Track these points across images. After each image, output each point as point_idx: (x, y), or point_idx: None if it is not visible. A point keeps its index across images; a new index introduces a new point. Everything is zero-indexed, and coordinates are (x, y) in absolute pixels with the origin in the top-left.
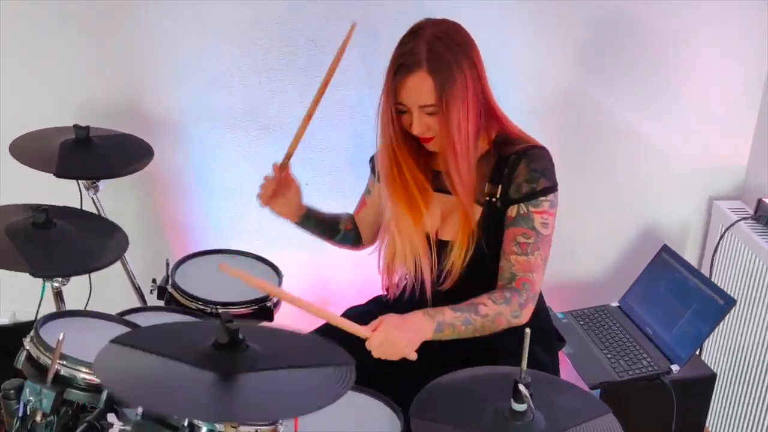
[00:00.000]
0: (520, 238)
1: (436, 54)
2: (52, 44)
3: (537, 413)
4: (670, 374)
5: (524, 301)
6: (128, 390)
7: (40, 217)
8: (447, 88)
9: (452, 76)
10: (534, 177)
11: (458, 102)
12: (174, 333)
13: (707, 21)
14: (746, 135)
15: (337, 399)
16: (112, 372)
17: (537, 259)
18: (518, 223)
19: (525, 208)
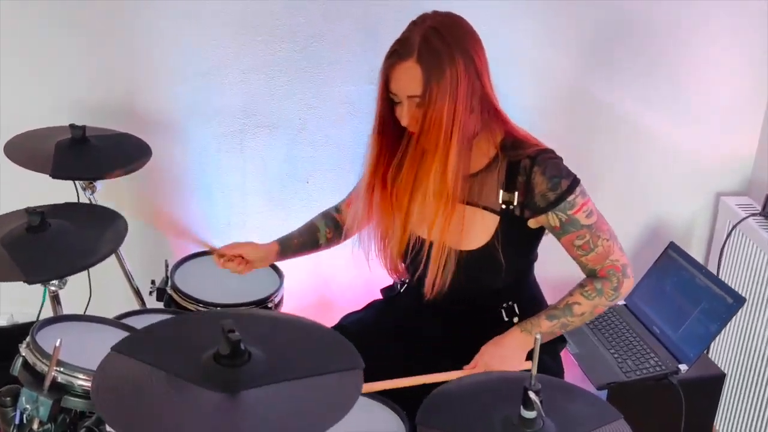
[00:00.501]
0: (577, 242)
1: (429, 45)
2: (47, 44)
3: (547, 420)
4: (678, 374)
5: (617, 284)
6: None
7: (35, 219)
8: (434, 80)
9: (442, 69)
10: (555, 183)
11: (445, 96)
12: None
13: (712, 16)
14: (753, 130)
15: (348, 411)
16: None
17: (605, 243)
18: (567, 230)
19: (564, 214)
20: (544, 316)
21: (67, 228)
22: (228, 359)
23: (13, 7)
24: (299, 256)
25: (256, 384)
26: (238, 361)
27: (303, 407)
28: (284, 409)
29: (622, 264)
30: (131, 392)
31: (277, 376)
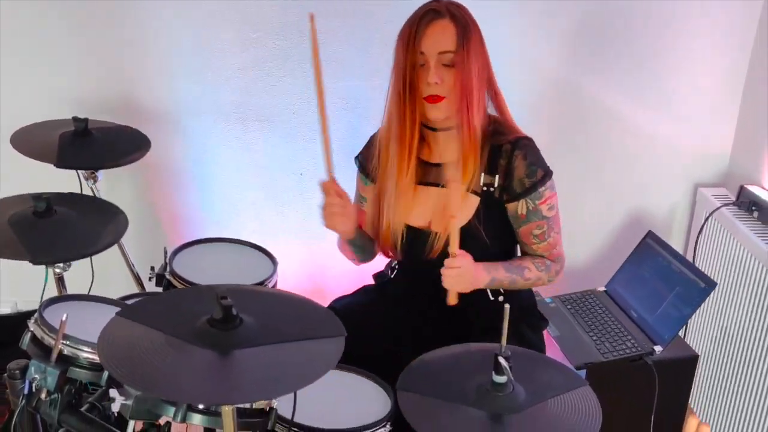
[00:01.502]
0: (536, 231)
1: (458, 11)
2: (52, 41)
3: (517, 385)
4: (653, 355)
5: (559, 268)
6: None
7: (41, 205)
8: (467, 38)
9: (471, 31)
10: (532, 170)
11: (476, 55)
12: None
13: (692, 14)
14: (730, 124)
15: (329, 370)
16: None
17: (555, 236)
18: (530, 219)
19: (531, 203)
20: (503, 267)
21: (71, 216)
22: (221, 323)
23: (19, 9)
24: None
25: (246, 345)
26: (230, 324)
27: (287, 367)
28: (270, 368)
29: (564, 255)
30: (134, 351)
31: (265, 339)
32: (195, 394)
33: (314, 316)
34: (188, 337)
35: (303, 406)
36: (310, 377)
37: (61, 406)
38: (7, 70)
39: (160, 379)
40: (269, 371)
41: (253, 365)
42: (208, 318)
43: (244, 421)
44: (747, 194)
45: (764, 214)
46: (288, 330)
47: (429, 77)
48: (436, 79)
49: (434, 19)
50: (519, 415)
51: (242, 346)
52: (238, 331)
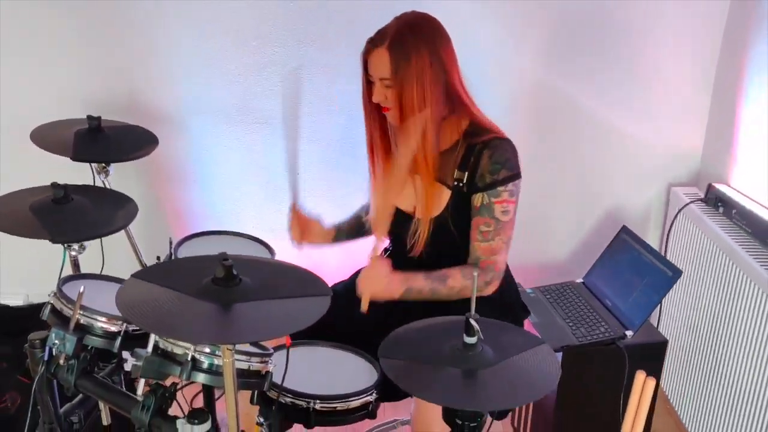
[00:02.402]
0: (483, 227)
1: (400, 36)
2: (69, 49)
3: (485, 346)
4: (624, 339)
5: (489, 279)
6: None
7: (59, 192)
8: (402, 66)
9: (408, 58)
10: (495, 168)
11: (412, 81)
12: (182, 268)
13: (663, 18)
14: (700, 126)
15: (315, 320)
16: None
17: (498, 243)
18: (482, 213)
19: (487, 198)
20: (423, 276)
21: (86, 204)
22: (223, 281)
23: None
24: (352, 240)
25: (245, 300)
26: (231, 282)
27: (279, 318)
28: (265, 319)
29: (500, 268)
30: (149, 304)
31: (260, 296)
32: (202, 336)
33: (304, 278)
34: (195, 293)
35: (295, 378)
36: (297, 326)
37: (77, 371)
38: (27, 72)
39: (172, 324)
40: (263, 320)
41: (250, 316)
42: (212, 277)
43: (243, 381)
44: (714, 192)
45: (729, 210)
46: (280, 288)
47: (373, 97)
48: (377, 98)
49: (372, 48)
50: (489, 369)
51: (241, 301)
52: (238, 288)
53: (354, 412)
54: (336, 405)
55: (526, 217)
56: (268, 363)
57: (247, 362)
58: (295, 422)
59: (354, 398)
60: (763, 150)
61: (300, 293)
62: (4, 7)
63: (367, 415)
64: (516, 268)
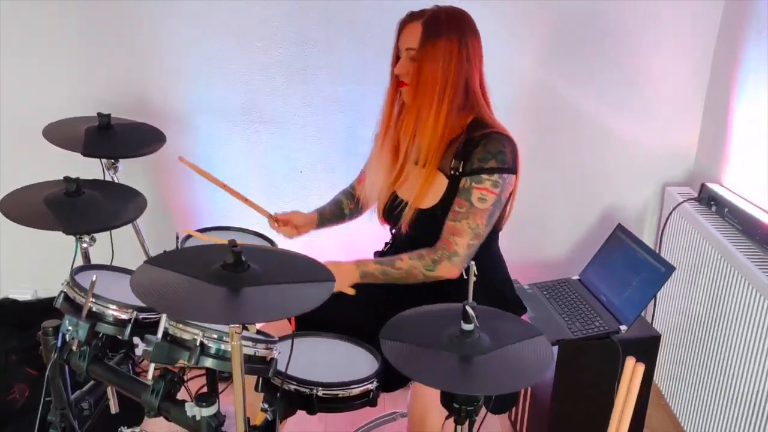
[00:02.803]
0: (456, 208)
1: (436, 17)
2: (80, 48)
3: (482, 334)
4: (618, 333)
5: (438, 258)
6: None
7: (72, 186)
8: (430, 42)
9: (439, 37)
10: (485, 157)
11: (436, 59)
12: (192, 255)
13: (656, 17)
14: (694, 127)
15: (319, 304)
16: (145, 288)
17: (464, 225)
18: (461, 194)
19: (469, 182)
20: (374, 260)
21: (97, 197)
22: (232, 266)
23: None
24: (333, 225)
25: (253, 284)
26: (240, 268)
27: (285, 301)
28: (271, 302)
29: (455, 250)
30: (161, 288)
31: (268, 280)
32: (212, 317)
33: (309, 266)
34: (205, 277)
35: (299, 366)
36: (303, 308)
37: (89, 357)
38: (41, 73)
39: (184, 306)
40: (270, 303)
41: (258, 299)
42: (221, 263)
43: (249, 366)
44: (707, 191)
45: (721, 209)
46: (286, 275)
47: (396, 68)
48: (398, 69)
49: (410, 20)
50: (484, 356)
51: (249, 285)
52: (246, 273)
53: (355, 399)
54: (338, 392)
55: (525, 216)
56: (272, 350)
57: (252, 348)
58: (299, 409)
59: (355, 386)
60: (754, 150)
61: (305, 279)
62: (20, 9)
63: (368, 402)
64: (514, 265)
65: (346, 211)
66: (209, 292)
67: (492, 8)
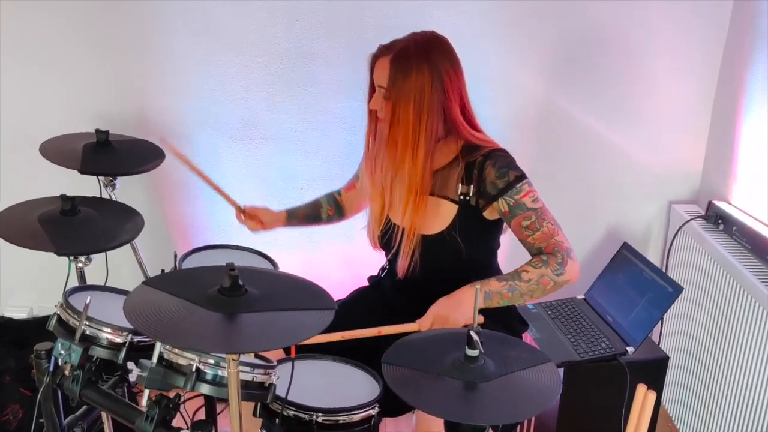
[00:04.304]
0: (524, 222)
1: (406, 51)
2: (75, 64)
3: (488, 360)
4: (625, 355)
5: (561, 259)
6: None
7: (67, 204)
8: (399, 81)
9: (409, 74)
10: (503, 172)
11: (407, 98)
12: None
13: (662, 34)
14: (700, 144)
15: (318, 332)
16: (138, 312)
17: (548, 226)
18: (515, 212)
19: (510, 199)
20: (495, 278)
21: (94, 216)
22: (229, 291)
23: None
24: (304, 226)
25: (249, 310)
26: (237, 292)
27: (284, 329)
28: (269, 330)
29: (566, 247)
30: (156, 312)
31: (266, 306)
32: (207, 344)
33: (310, 291)
34: (202, 302)
35: (298, 390)
36: (301, 337)
37: (82, 381)
38: (37, 87)
39: (178, 332)
40: (267, 330)
41: (255, 326)
42: (218, 287)
43: (246, 393)
44: (714, 209)
45: (729, 227)
46: (286, 300)
47: (370, 102)
48: (372, 105)
49: (379, 55)
50: (489, 383)
51: (246, 311)
52: (244, 298)
53: (356, 425)
54: (338, 418)
55: None
56: (271, 375)
57: (250, 374)
58: None
59: (356, 411)
60: (763, 167)
61: (305, 306)
62: (16, 21)
63: (369, 428)
64: None
65: (323, 215)
66: (204, 317)
67: (495, 26)
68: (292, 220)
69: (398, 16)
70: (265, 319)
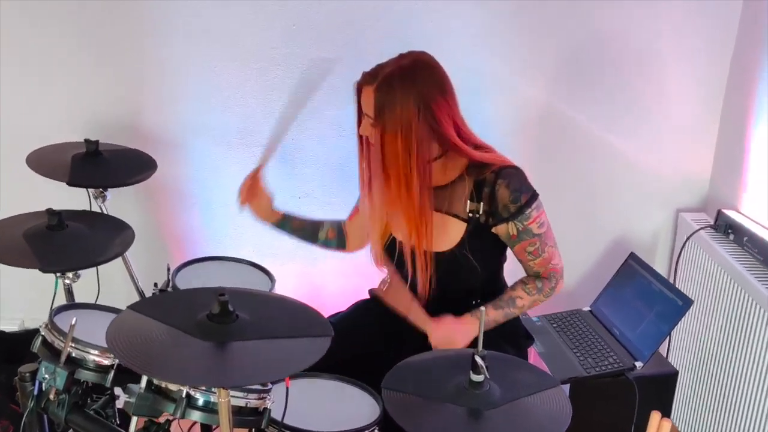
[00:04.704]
0: (529, 248)
1: (390, 81)
2: (65, 69)
3: (493, 384)
4: (633, 370)
5: (554, 284)
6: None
7: (54, 219)
8: (385, 112)
9: (393, 107)
10: (516, 197)
11: (395, 128)
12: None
13: (668, 44)
14: (708, 151)
15: (314, 362)
16: (122, 340)
17: (549, 251)
18: (522, 237)
19: (520, 224)
20: (491, 306)
21: (82, 230)
22: (218, 317)
23: (37, 40)
24: (294, 237)
25: (240, 338)
26: (227, 319)
27: (276, 359)
28: (261, 360)
29: (560, 267)
30: (141, 340)
31: (258, 334)
32: (194, 378)
33: (305, 316)
34: (189, 329)
35: (295, 412)
36: (295, 368)
37: (68, 406)
38: (25, 94)
39: (163, 364)
40: (259, 361)
41: (246, 356)
42: (207, 313)
43: (239, 419)
44: (724, 218)
45: (739, 237)
46: (279, 327)
47: (359, 129)
48: (363, 131)
49: (364, 83)
50: (495, 410)
51: (237, 339)
52: (234, 325)
53: None
54: None
55: None
56: (266, 399)
57: (244, 399)
58: None
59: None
60: None
61: (300, 333)
62: (4, 28)
63: None
64: None
65: (321, 236)
66: (192, 346)
67: (500, 34)
68: (284, 224)
69: (396, 20)
70: (257, 348)
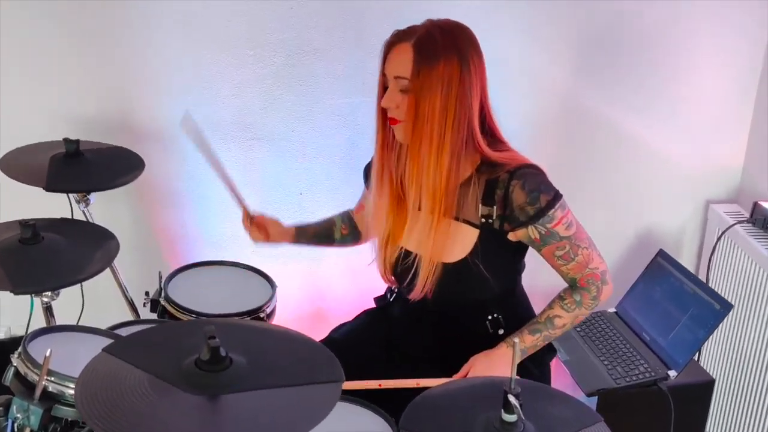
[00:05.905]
0: (558, 252)
1: (430, 37)
2: (42, 59)
3: (528, 423)
4: (667, 380)
5: (596, 293)
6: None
7: (27, 231)
8: (425, 68)
9: (436, 60)
10: (534, 197)
11: (435, 90)
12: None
13: (701, 26)
14: (741, 138)
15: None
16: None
17: (583, 253)
18: (547, 242)
19: (542, 228)
20: (527, 330)
21: (59, 242)
22: (208, 364)
23: (11, 28)
24: (314, 246)
25: (235, 389)
26: (218, 366)
27: (279, 414)
28: (261, 415)
29: (601, 271)
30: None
31: (257, 383)
32: None
33: (310, 356)
34: (174, 379)
35: None
36: (302, 426)
37: None
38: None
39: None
40: (259, 418)
41: (242, 411)
42: (195, 358)
43: None
44: (761, 211)
45: None
46: (281, 373)
47: (383, 99)
48: (386, 102)
49: (397, 41)
50: None
51: (231, 391)
52: (227, 373)
53: None
54: None
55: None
56: None
57: None
58: None
59: None
60: None
61: (305, 378)
62: None
63: None
64: (542, 298)
65: (337, 234)
66: (177, 402)
67: (522, 22)
68: (300, 237)
69: (404, 2)
70: (256, 401)
